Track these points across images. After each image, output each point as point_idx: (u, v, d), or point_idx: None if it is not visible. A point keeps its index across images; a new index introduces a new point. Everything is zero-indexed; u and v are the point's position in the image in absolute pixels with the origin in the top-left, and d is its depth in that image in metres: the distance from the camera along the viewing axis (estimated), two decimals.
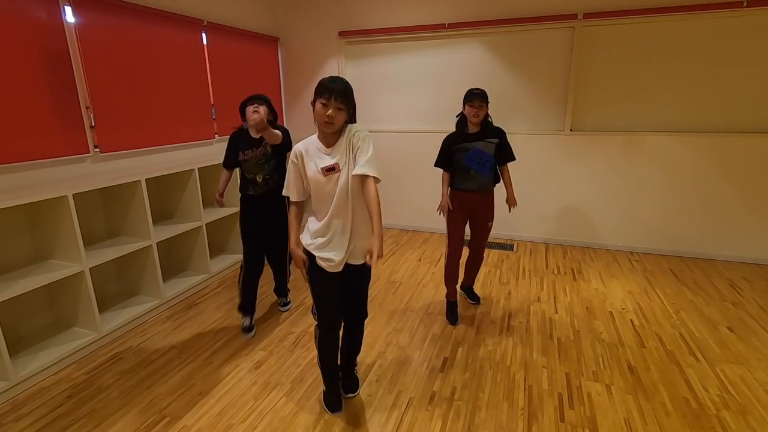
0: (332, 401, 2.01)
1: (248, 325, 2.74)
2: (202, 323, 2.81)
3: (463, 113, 2.59)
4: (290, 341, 2.58)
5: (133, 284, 3.03)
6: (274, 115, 2.61)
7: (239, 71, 4.07)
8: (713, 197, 3.67)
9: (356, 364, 2.19)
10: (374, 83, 4.52)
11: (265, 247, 2.76)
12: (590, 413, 1.95)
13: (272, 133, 2.35)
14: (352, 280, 1.89)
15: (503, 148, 2.63)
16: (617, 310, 2.89)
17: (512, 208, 2.76)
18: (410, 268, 3.69)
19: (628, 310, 2.89)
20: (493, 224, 2.76)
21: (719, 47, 3.43)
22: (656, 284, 3.28)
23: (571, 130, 3.94)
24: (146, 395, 2.11)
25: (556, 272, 3.54)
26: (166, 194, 3.30)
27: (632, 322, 2.73)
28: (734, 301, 2.99)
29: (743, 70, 3.41)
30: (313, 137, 1.77)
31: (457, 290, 2.89)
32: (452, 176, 2.68)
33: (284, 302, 2.99)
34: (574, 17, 3.67)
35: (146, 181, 2.77)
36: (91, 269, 2.47)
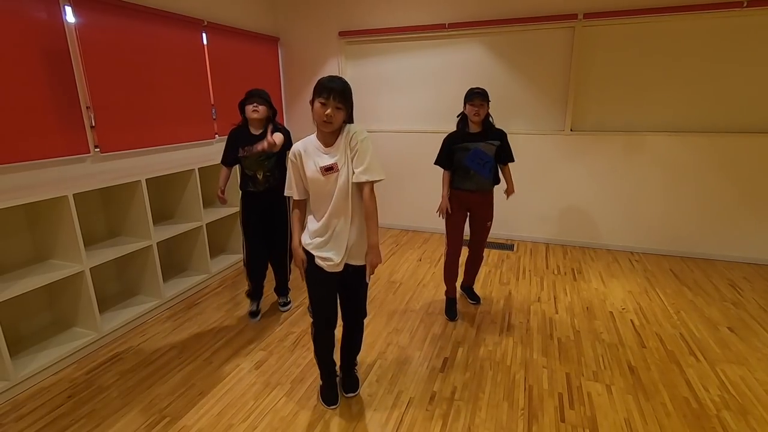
0: (328, 395, 2.03)
1: (255, 309, 2.88)
2: (202, 323, 2.81)
3: (464, 113, 2.59)
4: (290, 341, 2.58)
5: (133, 284, 3.03)
6: (273, 111, 2.61)
7: (239, 71, 4.07)
8: (713, 197, 3.67)
9: (356, 363, 2.19)
10: (374, 83, 4.52)
11: (266, 243, 2.77)
12: (590, 413, 1.95)
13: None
14: (351, 280, 1.89)
15: (504, 149, 2.63)
16: (617, 310, 2.89)
17: (510, 195, 2.78)
18: (410, 268, 3.69)
19: (628, 310, 2.89)
20: (492, 224, 2.76)
21: (719, 47, 3.43)
22: (656, 284, 3.28)
23: (571, 130, 3.94)
24: (146, 395, 2.11)
25: (556, 272, 3.54)
26: (166, 194, 3.30)
27: (632, 322, 2.73)
28: (735, 301, 2.99)
29: (743, 70, 3.41)
30: (311, 137, 1.77)
31: (456, 288, 2.90)
32: (452, 175, 2.67)
33: (284, 302, 2.99)
34: (574, 17, 3.67)
35: (146, 181, 2.77)
36: (91, 269, 2.47)
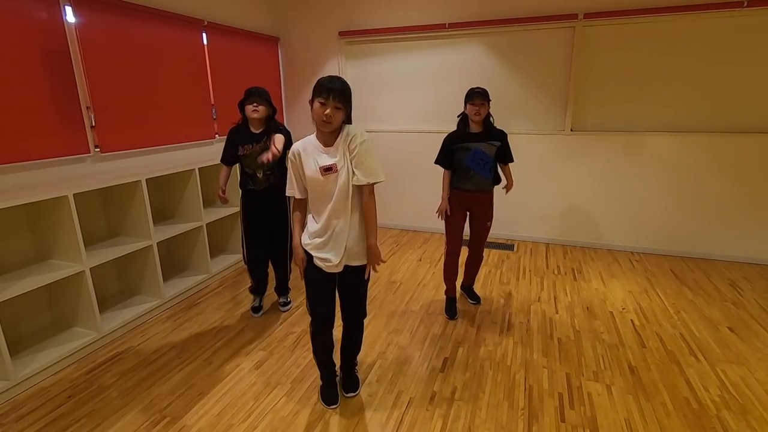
0: (328, 395, 2.03)
1: (258, 305, 2.91)
2: (202, 323, 2.81)
3: (464, 113, 2.59)
4: (291, 341, 2.58)
5: (133, 284, 3.03)
6: (273, 109, 2.61)
7: (239, 71, 4.07)
8: (714, 197, 3.66)
9: (357, 363, 2.19)
10: (374, 83, 4.52)
11: (267, 241, 2.77)
12: (591, 413, 1.95)
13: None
14: (350, 280, 1.89)
15: (504, 149, 2.63)
16: (618, 310, 2.89)
17: (509, 191, 2.81)
18: (410, 268, 3.69)
19: (628, 310, 2.89)
20: (492, 224, 2.76)
21: (720, 47, 3.43)
22: (657, 284, 3.28)
23: (571, 130, 3.94)
24: (146, 395, 2.12)
25: (556, 272, 3.54)
26: (166, 194, 3.30)
27: (633, 322, 2.73)
28: (735, 301, 2.99)
29: (744, 69, 3.41)
30: (311, 137, 1.77)
31: (456, 287, 2.90)
32: (452, 175, 2.67)
33: (285, 302, 2.99)
34: (574, 17, 3.67)
35: (147, 181, 2.77)
36: (91, 269, 2.47)
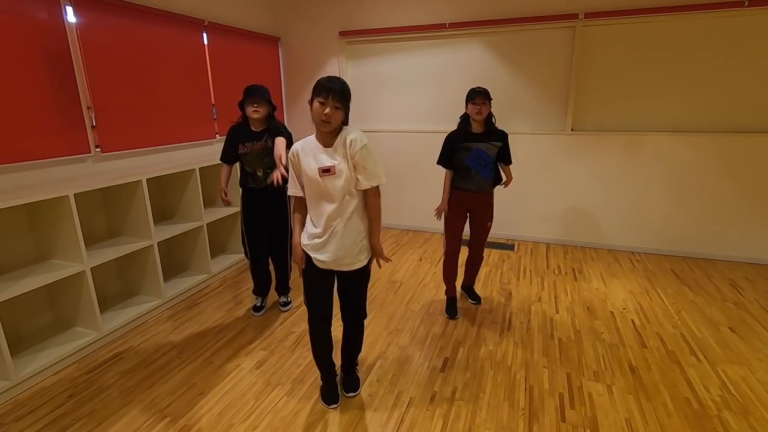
0: (329, 395, 2.04)
1: (258, 305, 2.92)
2: (202, 323, 2.81)
3: (466, 113, 2.58)
4: (291, 341, 2.58)
5: (133, 284, 3.03)
6: (273, 108, 2.61)
7: (240, 71, 4.07)
8: (714, 197, 3.66)
9: (357, 363, 2.19)
10: (375, 83, 4.52)
11: (267, 240, 2.77)
12: (591, 413, 1.95)
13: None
14: (349, 282, 1.90)
15: (503, 150, 2.63)
16: (618, 310, 2.89)
17: (507, 185, 2.79)
18: (411, 268, 3.68)
19: (629, 310, 2.89)
20: (492, 224, 2.76)
21: (721, 47, 3.42)
22: (657, 284, 3.27)
23: (572, 129, 3.94)
24: (147, 395, 2.12)
25: (557, 272, 3.54)
26: (166, 194, 3.31)
27: (633, 322, 2.73)
28: (736, 301, 2.99)
29: (745, 69, 3.40)
30: (311, 137, 1.77)
31: (456, 287, 2.90)
32: (452, 175, 2.67)
33: (285, 302, 2.99)
34: (575, 17, 3.67)
35: (147, 180, 2.77)
36: (92, 269, 2.47)
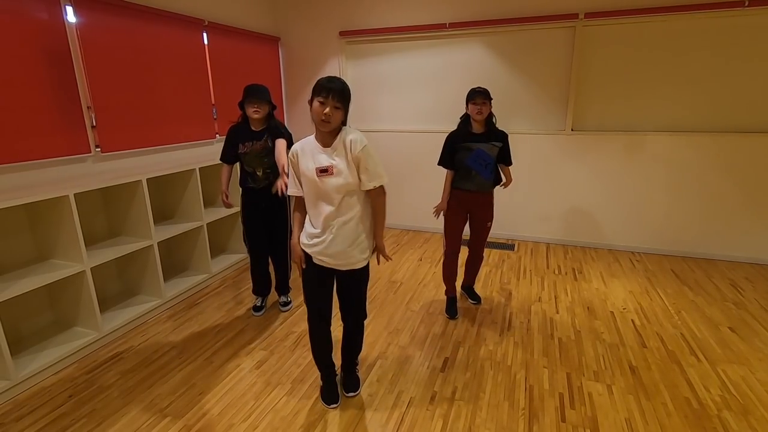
0: (329, 395, 2.04)
1: (259, 304, 2.93)
2: (202, 323, 2.81)
3: (467, 113, 2.58)
4: (291, 341, 2.58)
5: (134, 284, 3.04)
6: (273, 107, 2.62)
7: (240, 71, 4.07)
8: (715, 197, 3.66)
9: (357, 363, 2.19)
10: (375, 83, 4.52)
11: (267, 239, 2.77)
12: (591, 413, 1.95)
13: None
14: (349, 283, 1.91)
15: (504, 151, 2.63)
16: (618, 310, 2.89)
17: (506, 186, 2.80)
18: (411, 268, 3.68)
19: (629, 310, 2.89)
20: (492, 224, 2.76)
21: (721, 47, 3.42)
22: (657, 284, 3.27)
23: (572, 129, 3.94)
24: (147, 395, 2.12)
25: (557, 272, 3.53)
26: (167, 194, 3.31)
27: (633, 322, 2.73)
28: (736, 301, 2.98)
29: (746, 69, 3.40)
30: (310, 137, 1.78)
31: (456, 287, 2.91)
32: (453, 175, 2.67)
33: (285, 302, 2.99)
34: (575, 17, 3.67)
35: (147, 180, 2.77)
36: (92, 269, 2.47)
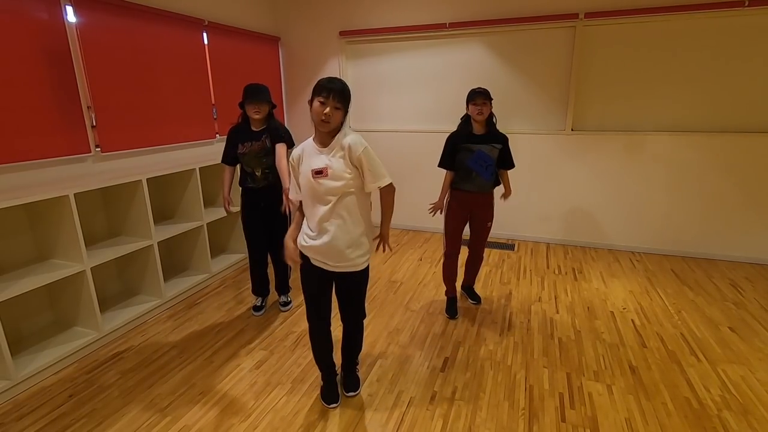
0: (329, 395, 2.04)
1: (259, 304, 2.94)
2: (203, 323, 2.81)
3: (467, 114, 2.58)
4: (291, 341, 2.58)
5: (134, 284, 3.04)
6: (273, 105, 2.62)
7: (240, 71, 4.07)
8: (715, 197, 3.66)
9: (358, 362, 2.19)
10: (375, 83, 4.52)
11: (266, 239, 2.77)
12: (591, 413, 1.95)
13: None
14: (348, 285, 1.91)
15: (505, 154, 2.62)
16: (618, 309, 2.89)
17: (507, 198, 2.80)
18: (411, 267, 3.68)
19: (629, 309, 2.89)
20: (492, 224, 2.76)
21: (722, 46, 3.42)
22: (657, 284, 3.27)
23: (572, 129, 3.94)
24: (147, 395, 2.12)
25: (557, 272, 3.53)
26: (167, 194, 3.31)
27: (633, 322, 2.73)
28: (736, 301, 2.98)
29: (747, 69, 3.40)
30: (309, 140, 1.79)
31: (456, 287, 2.90)
32: (453, 176, 2.66)
33: (285, 301, 2.99)
34: (575, 17, 3.67)
35: (147, 180, 2.77)
36: (92, 269, 2.47)
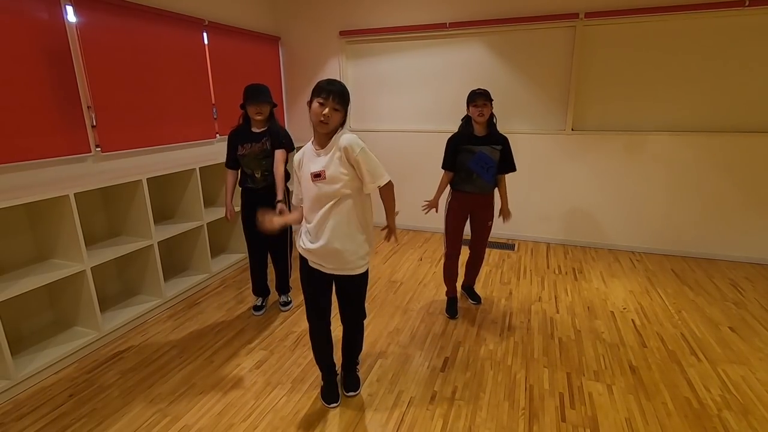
0: (329, 395, 2.04)
1: (259, 304, 2.95)
2: (203, 322, 2.81)
3: (468, 115, 2.58)
4: (291, 341, 2.58)
5: (134, 284, 3.04)
6: (273, 105, 2.63)
7: (240, 71, 4.07)
8: (715, 197, 3.66)
9: (358, 362, 2.20)
10: (375, 83, 4.52)
11: (266, 240, 2.78)
12: (591, 413, 1.95)
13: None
14: (347, 287, 1.92)
15: (505, 156, 2.62)
16: (618, 309, 2.89)
17: (506, 220, 2.76)
18: (411, 267, 3.68)
19: (629, 309, 2.88)
20: (493, 224, 2.76)
21: (722, 46, 3.42)
22: (658, 284, 3.27)
23: (572, 129, 3.94)
24: (147, 394, 2.12)
25: (557, 272, 3.53)
26: (167, 194, 3.31)
27: (633, 321, 2.73)
28: (736, 300, 2.98)
29: (747, 69, 3.40)
30: (309, 143, 1.80)
31: (457, 288, 2.90)
32: (453, 177, 2.66)
33: (285, 301, 2.99)
34: (575, 16, 3.67)
35: (147, 180, 2.77)
36: (92, 268, 2.47)
